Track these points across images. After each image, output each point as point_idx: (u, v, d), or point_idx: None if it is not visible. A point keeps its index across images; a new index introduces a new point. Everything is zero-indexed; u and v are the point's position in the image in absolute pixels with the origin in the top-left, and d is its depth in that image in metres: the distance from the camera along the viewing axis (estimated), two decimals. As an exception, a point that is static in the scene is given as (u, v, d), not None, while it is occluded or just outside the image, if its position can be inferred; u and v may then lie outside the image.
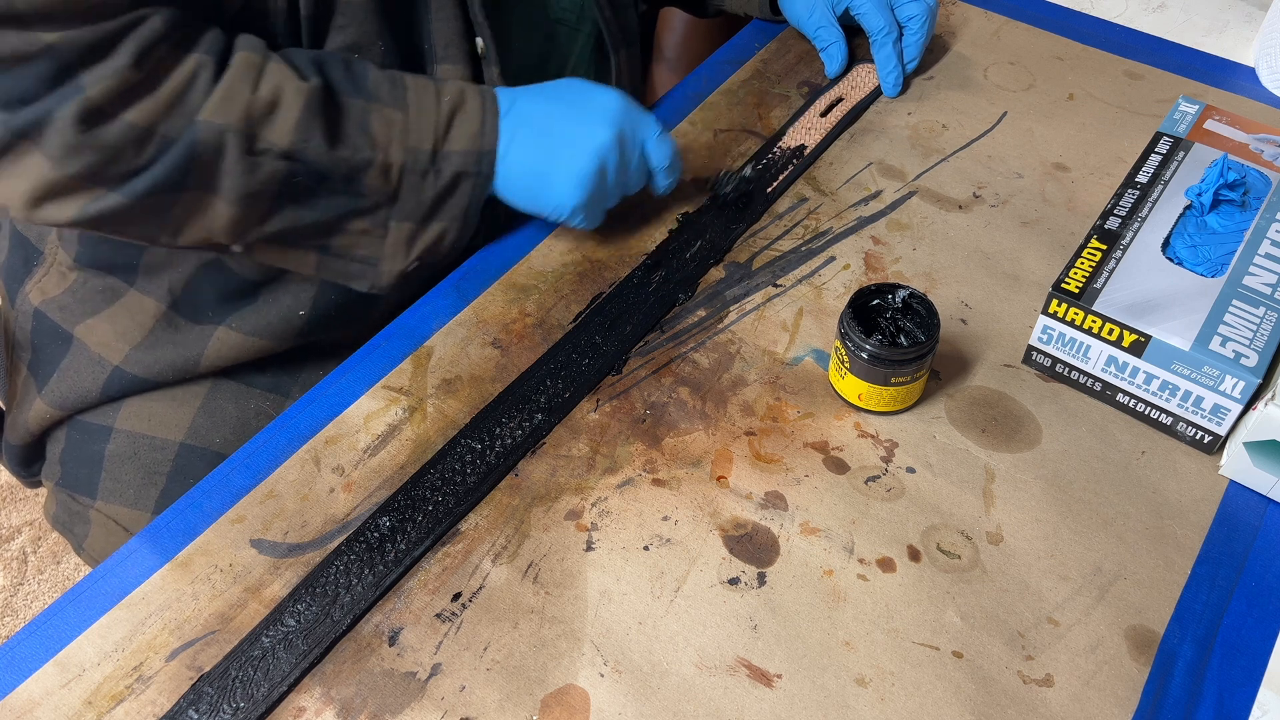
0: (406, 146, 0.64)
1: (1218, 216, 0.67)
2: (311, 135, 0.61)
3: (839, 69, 0.88)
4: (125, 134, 0.57)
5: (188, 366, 0.73)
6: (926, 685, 0.53)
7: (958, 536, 0.59)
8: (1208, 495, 0.60)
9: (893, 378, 0.61)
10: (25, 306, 0.75)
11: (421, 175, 0.65)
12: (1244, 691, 0.53)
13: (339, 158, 0.62)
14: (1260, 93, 0.87)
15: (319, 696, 0.53)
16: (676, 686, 0.53)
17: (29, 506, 1.51)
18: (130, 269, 0.72)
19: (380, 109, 0.63)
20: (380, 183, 0.64)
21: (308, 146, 0.61)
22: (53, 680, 0.53)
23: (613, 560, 0.58)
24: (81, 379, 0.73)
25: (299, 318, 0.73)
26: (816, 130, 0.84)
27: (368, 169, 0.63)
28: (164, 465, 0.74)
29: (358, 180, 0.63)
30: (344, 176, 0.63)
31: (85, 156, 0.56)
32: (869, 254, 0.74)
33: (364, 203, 0.64)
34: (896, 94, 0.87)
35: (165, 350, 0.72)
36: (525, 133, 0.67)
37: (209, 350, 0.72)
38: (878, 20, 0.85)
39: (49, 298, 0.74)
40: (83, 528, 0.76)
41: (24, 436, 0.78)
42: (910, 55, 0.87)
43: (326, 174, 0.62)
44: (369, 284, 0.69)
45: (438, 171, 0.65)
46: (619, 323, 0.69)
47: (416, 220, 0.66)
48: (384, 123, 0.63)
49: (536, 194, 0.68)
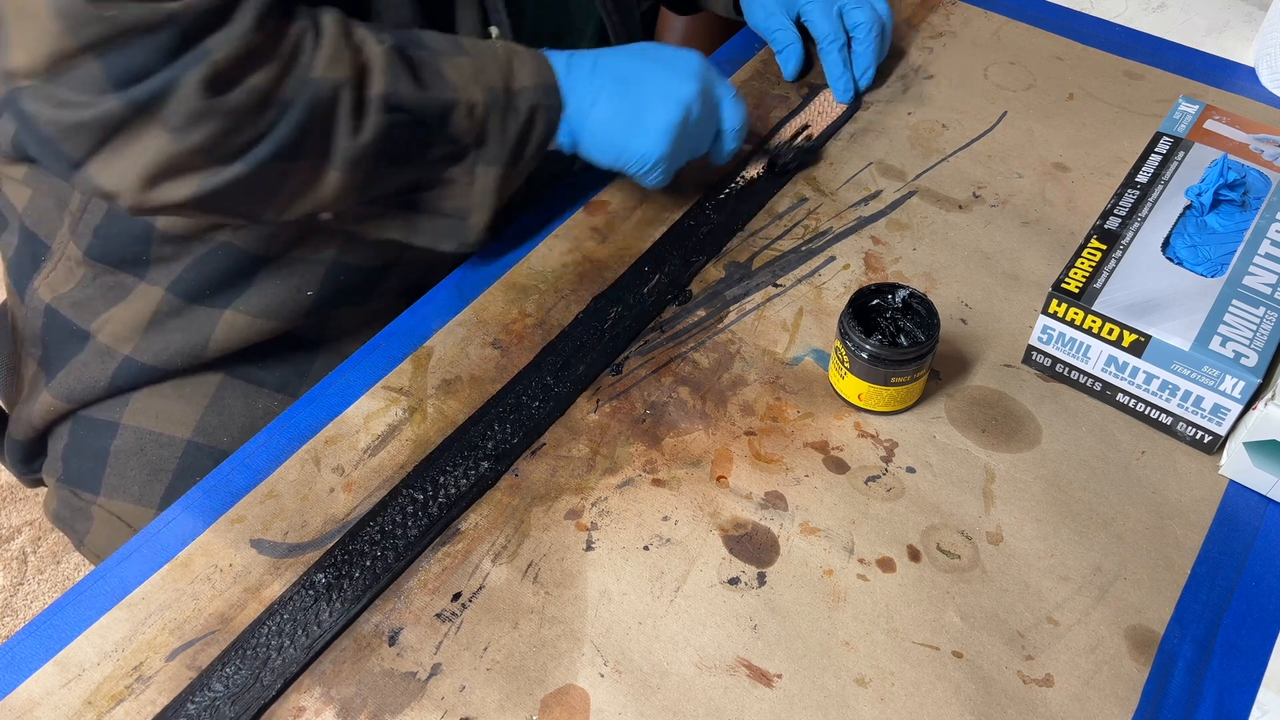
0: (482, 86, 0.66)
1: (1218, 216, 0.67)
2: (401, 81, 0.62)
3: (795, 71, 0.89)
4: (248, 98, 0.57)
5: (196, 352, 0.73)
6: (926, 685, 0.53)
7: (958, 536, 0.59)
8: (1208, 495, 0.60)
9: (893, 378, 0.61)
10: (35, 303, 0.75)
11: (502, 113, 0.66)
12: (1244, 691, 0.53)
13: (429, 99, 0.63)
14: (1260, 93, 0.87)
15: (319, 696, 0.53)
16: (676, 686, 0.53)
17: (29, 506, 1.51)
18: (141, 262, 0.71)
19: (448, 58, 0.65)
20: (467, 123, 0.65)
21: (400, 91, 0.62)
22: (53, 680, 0.53)
23: (613, 560, 0.58)
24: (90, 370, 0.73)
25: (307, 298, 0.73)
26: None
27: (454, 110, 0.65)
28: (170, 462, 0.74)
29: (448, 123, 0.65)
30: (436, 119, 0.64)
31: (208, 125, 0.56)
32: (869, 254, 0.74)
33: (454, 149, 0.66)
34: (848, 100, 0.87)
35: (173, 336, 0.72)
36: (612, 86, 0.69)
37: (217, 333, 0.72)
38: (824, 26, 0.85)
39: (60, 294, 0.74)
40: (84, 524, 0.76)
41: (27, 431, 0.78)
42: (862, 65, 0.86)
43: (421, 119, 0.63)
44: (457, 242, 0.70)
45: (515, 109, 0.67)
46: (571, 363, 0.67)
47: (503, 162, 0.68)
48: (455, 69, 0.65)
49: (623, 146, 0.70)
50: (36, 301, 0.75)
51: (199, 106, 0.55)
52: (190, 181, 0.58)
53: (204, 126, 0.56)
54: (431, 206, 0.68)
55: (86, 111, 0.55)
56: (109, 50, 0.54)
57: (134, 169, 0.57)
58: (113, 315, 0.73)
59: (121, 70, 0.54)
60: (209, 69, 0.55)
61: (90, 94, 0.54)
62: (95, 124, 0.55)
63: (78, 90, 0.54)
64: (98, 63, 0.54)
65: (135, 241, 0.71)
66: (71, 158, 0.57)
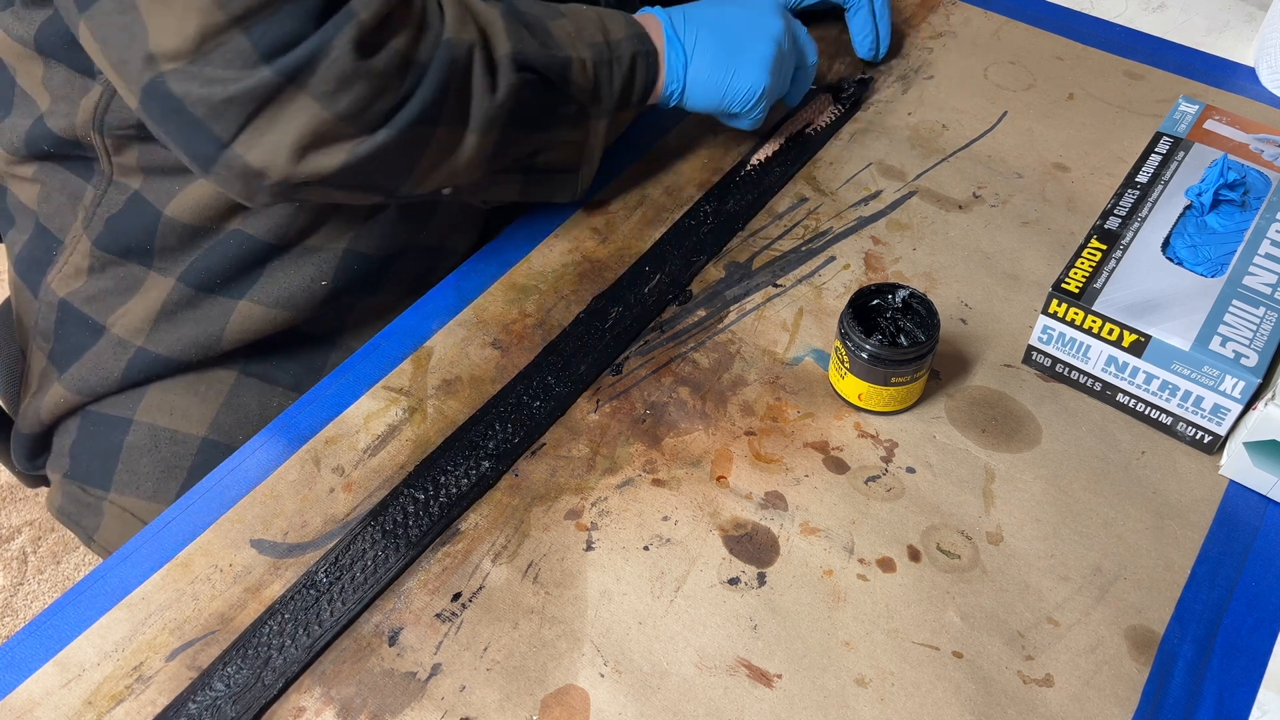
0: (588, 43, 0.68)
1: (1218, 216, 0.67)
2: (524, 40, 0.64)
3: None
4: (391, 60, 0.58)
5: (210, 343, 0.72)
6: (926, 685, 0.53)
7: (958, 536, 0.59)
8: (1208, 495, 0.60)
9: (893, 378, 0.61)
10: (49, 297, 0.75)
11: (609, 65, 0.69)
12: (1244, 691, 0.53)
13: (552, 56, 0.65)
14: (1260, 93, 0.87)
15: (319, 696, 0.53)
16: (676, 686, 0.53)
17: (29, 506, 1.51)
18: (146, 252, 0.71)
19: (552, 20, 0.68)
20: (583, 79, 0.68)
21: (525, 50, 0.64)
22: (53, 680, 0.53)
23: (613, 560, 0.58)
24: (103, 362, 0.73)
25: (321, 287, 0.73)
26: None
27: (570, 66, 0.67)
28: (185, 459, 0.74)
29: (568, 80, 0.67)
30: (559, 77, 0.66)
31: (356, 89, 0.57)
32: (869, 254, 0.74)
33: (572, 108, 0.69)
34: (871, 57, 0.89)
35: (187, 327, 0.72)
36: (705, 33, 0.73)
37: (231, 324, 0.72)
38: None
39: (74, 289, 0.74)
40: (93, 519, 0.76)
41: (35, 426, 0.78)
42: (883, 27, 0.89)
43: (546, 76, 0.65)
44: (570, 194, 0.74)
45: (619, 59, 0.69)
46: (572, 363, 0.67)
47: (609, 113, 0.71)
48: (560, 29, 0.67)
49: (726, 86, 0.73)
50: (50, 295, 0.75)
51: (349, 69, 0.56)
52: (339, 151, 0.58)
53: (351, 91, 0.56)
54: (546, 166, 0.70)
55: (236, 85, 0.55)
56: (257, 20, 0.54)
57: (284, 141, 0.57)
58: (128, 309, 0.73)
59: (271, 39, 0.54)
60: (357, 30, 0.56)
61: (241, 68, 0.54)
62: (246, 97, 0.55)
63: (228, 66, 0.54)
64: (245, 36, 0.54)
65: (142, 231, 0.70)
66: (220, 137, 0.56)
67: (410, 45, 0.59)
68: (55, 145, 0.70)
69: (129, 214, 0.70)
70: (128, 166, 0.69)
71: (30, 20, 0.66)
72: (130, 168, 0.69)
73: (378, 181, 0.62)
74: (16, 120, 0.71)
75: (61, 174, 0.72)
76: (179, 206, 0.69)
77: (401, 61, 0.58)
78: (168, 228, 0.70)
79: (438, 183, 0.64)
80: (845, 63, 0.91)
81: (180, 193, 0.69)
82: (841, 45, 0.92)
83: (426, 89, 0.59)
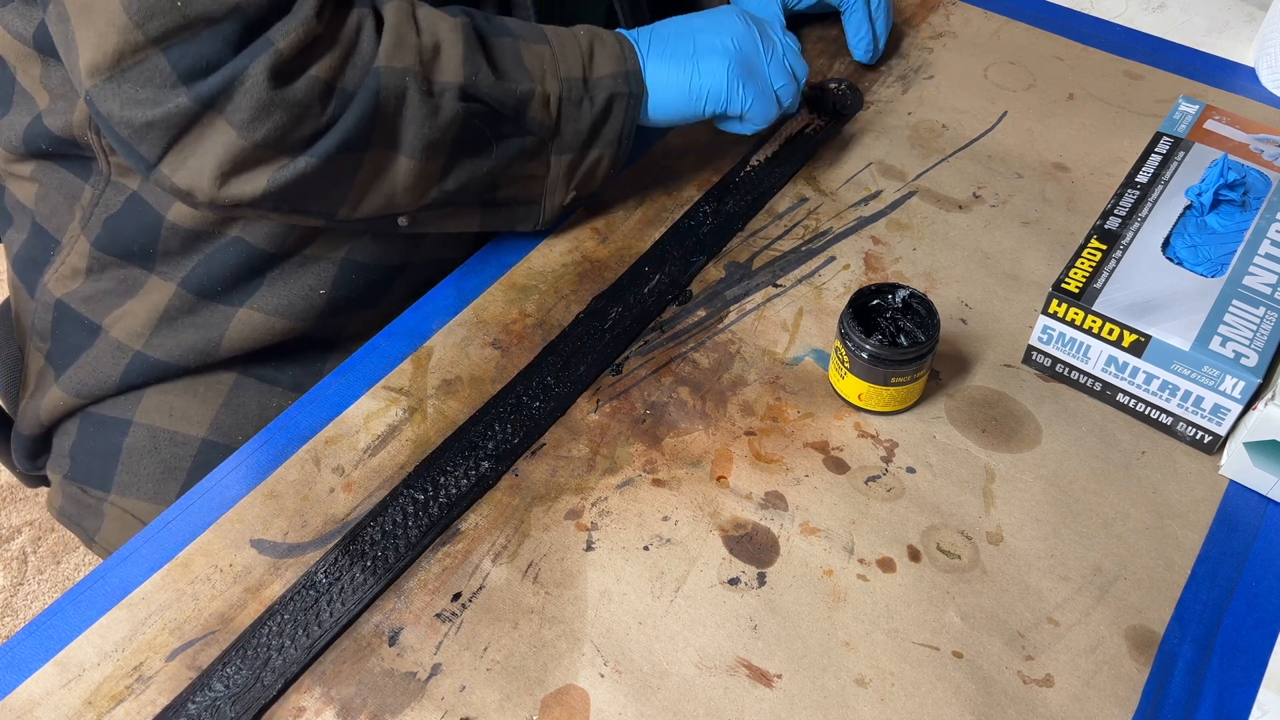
0: (560, 77, 0.66)
1: (1218, 216, 0.67)
2: (479, 68, 0.63)
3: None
4: (311, 89, 0.57)
5: (209, 349, 0.73)
6: (926, 685, 0.53)
7: (958, 536, 0.59)
8: (1208, 495, 0.60)
9: (893, 378, 0.61)
10: (46, 298, 0.75)
11: (577, 103, 0.67)
12: (1244, 691, 0.53)
13: (506, 89, 0.64)
14: (1260, 93, 0.87)
15: (319, 696, 0.53)
16: (676, 686, 0.53)
17: (29, 506, 1.51)
18: (148, 255, 0.71)
19: (527, 45, 0.66)
20: (543, 115, 0.66)
21: (478, 79, 0.62)
22: (53, 680, 0.53)
23: (613, 560, 0.58)
24: (101, 365, 0.73)
25: (320, 297, 0.73)
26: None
27: (530, 100, 0.65)
28: (185, 460, 0.74)
29: (524, 115, 0.65)
30: (513, 111, 0.65)
31: (274, 117, 0.56)
32: (869, 254, 0.74)
33: (529, 142, 0.67)
34: (870, 60, 0.88)
35: (186, 333, 0.72)
36: (659, 45, 0.70)
37: (230, 332, 0.72)
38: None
39: (71, 289, 0.74)
40: (94, 521, 0.76)
41: (34, 427, 0.78)
42: (880, 27, 0.88)
43: (498, 110, 0.64)
44: (532, 224, 0.72)
45: (592, 98, 0.67)
46: (572, 363, 0.67)
47: (575, 150, 0.69)
48: (534, 56, 0.65)
49: (692, 89, 0.70)
50: (47, 296, 0.75)
51: (266, 98, 0.56)
52: (260, 176, 0.58)
53: (269, 120, 0.56)
54: (505, 200, 0.69)
55: (156, 109, 0.55)
56: (175, 43, 0.54)
57: (206, 167, 0.57)
58: (126, 310, 0.72)
59: (189, 63, 0.54)
60: (274, 59, 0.56)
61: (159, 89, 0.55)
62: (165, 122, 0.55)
63: (146, 86, 0.55)
64: (164, 56, 0.54)
65: (143, 233, 0.71)
66: (146, 159, 0.57)
67: (333, 72, 0.58)
68: (53, 144, 0.70)
69: (128, 215, 0.70)
70: (126, 167, 0.69)
71: (30, 18, 0.66)
72: (128, 168, 0.69)
73: (309, 205, 0.62)
74: (15, 118, 0.71)
75: (59, 173, 0.72)
76: (180, 211, 0.69)
77: (322, 89, 0.58)
78: (170, 231, 0.70)
79: (378, 208, 0.64)
80: (845, 63, 0.91)
81: None
82: (841, 45, 0.92)
83: (350, 118, 0.59)
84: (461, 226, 0.70)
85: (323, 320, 0.74)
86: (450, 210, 0.68)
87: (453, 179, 0.65)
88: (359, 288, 0.74)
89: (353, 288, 0.74)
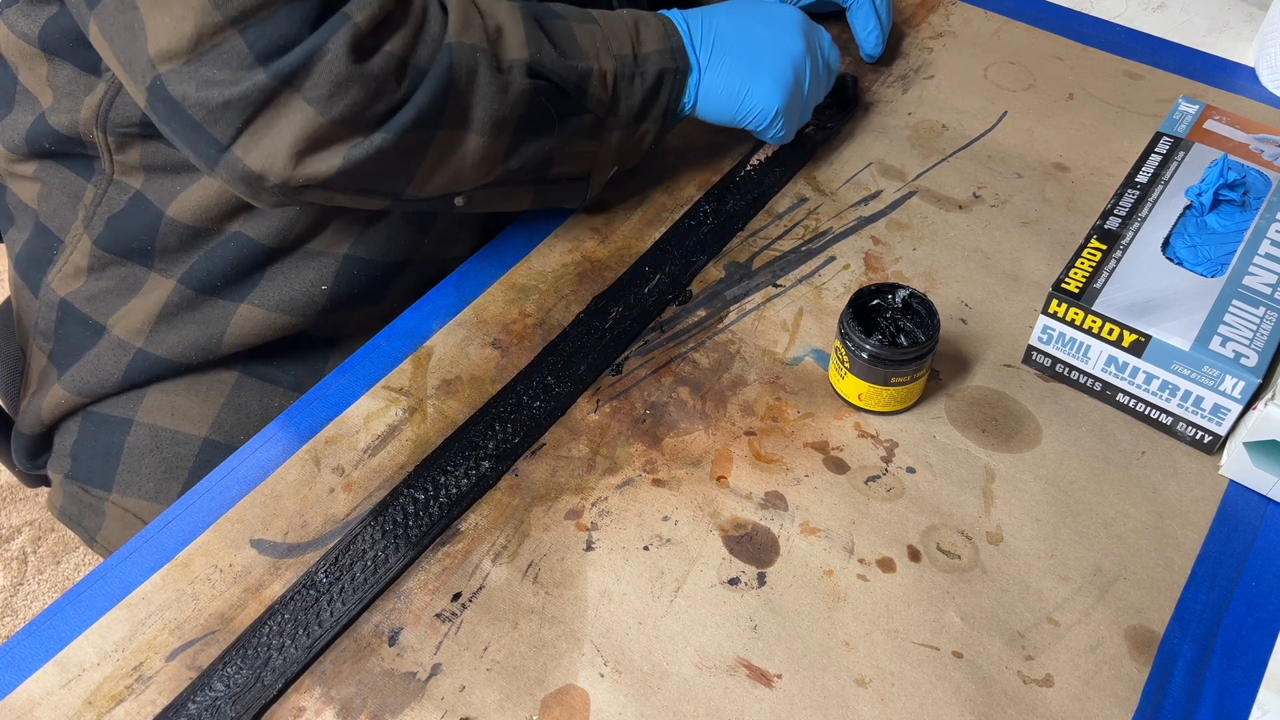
0: (613, 54, 0.67)
1: (1218, 216, 0.67)
2: (543, 46, 0.63)
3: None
4: (387, 65, 0.57)
5: (210, 346, 0.72)
6: (926, 685, 0.53)
7: (958, 536, 0.59)
8: (1208, 495, 0.60)
9: (893, 378, 0.61)
10: (50, 297, 0.75)
11: (630, 80, 0.68)
12: (1244, 691, 0.53)
13: (569, 66, 0.64)
14: (1260, 93, 0.87)
15: (319, 696, 0.53)
16: (676, 686, 0.53)
17: (29, 506, 1.51)
18: (147, 252, 0.71)
19: (579, 24, 0.67)
20: (600, 92, 0.67)
21: (543, 57, 0.63)
22: (53, 680, 0.53)
23: (613, 560, 0.58)
24: (103, 364, 0.73)
25: (321, 293, 0.73)
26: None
27: (590, 77, 0.66)
28: (186, 460, 0.74)
29: (585, 92, 0.66)
30: (575, 88, 0.65)
31: (351, 93, 0.56)
32: (869, 254, 0.74)
33: (588, 120, 0.67)
34: (878, 53, 0.89)
35: (188, 329, 0.72)
36: (723, 46, 0.71)
37: (231, 328, 0.72)
38: None
39: (74, 289, 0.74)
40: (95, 520, 0.76)
41: (35, 426, 0.78)
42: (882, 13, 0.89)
43: (561, 86, 0.64)
44: (579, 201, 0.74)
45: (643, 74, 0.68)
46: (572, 363, 0.67)
47: (628, 126, 0.70)
48: (587, 35, 0.66)
49: (740, 102, 0.72)
50: (50, 295, 0.75)
51: (345, 73, 0.56)
52: (336, 153, 0.58)
53: (347, 95, 0.56)
54: (557, 177, 0.70)
55: (233, 89, 0.55)
56: (253, 22, 0.54)
57: (281, 145, 0.57)
58: (128, 309, 0.73)
59: (267, 42, 0.54)
60: (353, 33, 0.56)
61: (236, 70, 0.54)
62: (242, 101, 0.55)
63: (224, 67, 0.54)
64: (241, 37, 0.54)
65: (143, 231, 0.71)
66: (219, 141, 0.57)
67: (407, 49, 0.58)
68: (56, 143, 0.70)
69: (130, 214, 0.70)
70: (130, 165, 0.69)
71: (35, 17, 0.66)
72: (132, 166, 0.69)
73: (379, 184, 0.62)
74: (18, 117, 0.71)
75: (62, 173, 0.72)
76: (180, 207, 0.69)
77: (398, 65, 0.58)
78: (169, 228, 0.70)
79: (443, 186, 0.64)
80: (845, 62, 0.91)
81: (182, 193, 0.69)
82: (842, 44, 0.92)
83: (424, 93, 0.59)
84: (514, 205, 0.71)
85: (324, 316, 0.74)
86: (506, 189, 0.68)
87: (517, 157, 0.66)
88: (360, 284, 0.74)
89: (354, 283, 0.74)
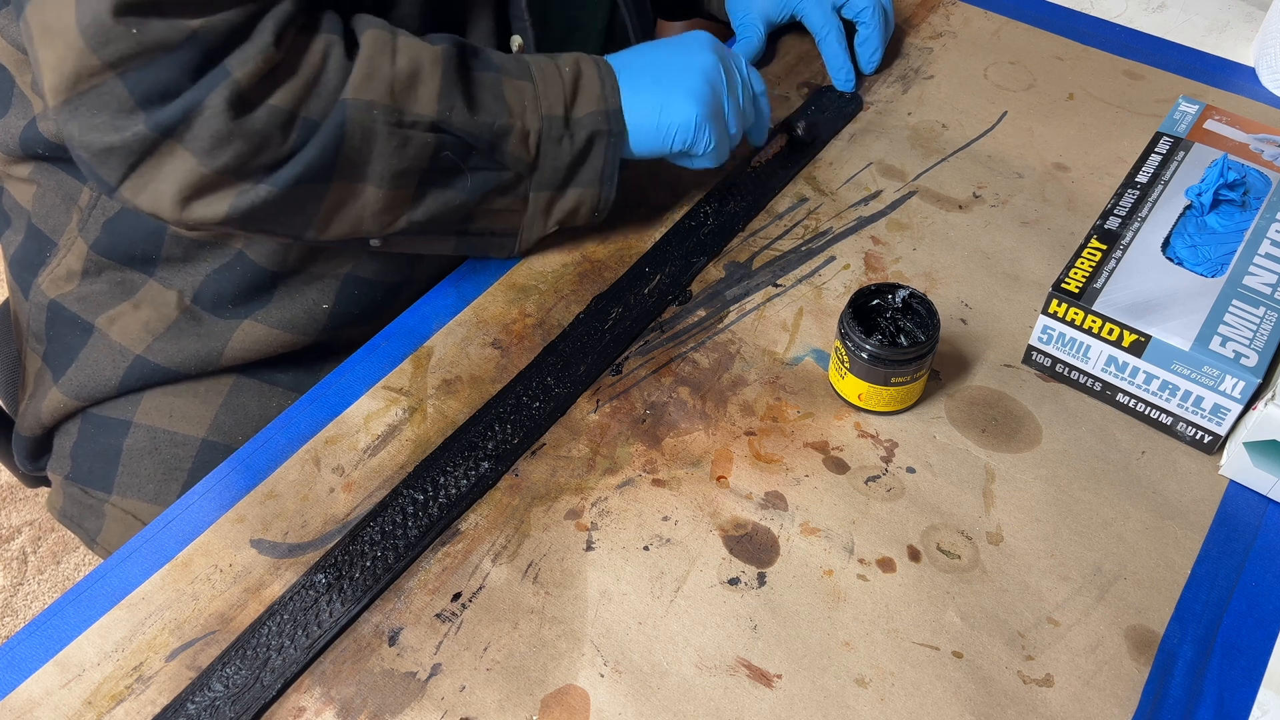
0: (540, 113, 0.65)
1: (1218, 216, 0.67)
2: (454, 102, 0.62)
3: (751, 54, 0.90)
4: (271, 119, 0.57)
5: (210, 358, 0.73)
6: (926, 685, 0.53)
7: (958, 536, 0.59)
8: (1208, 495, 0.60)
9: (893, 378, 0.61)
10: (39, 299, 0.75)
11: (557, 140, 0.66)
12: (1244, 691, 0.53)
13: (482, 124, 0.63)
14: (1260, 93, 0.87)
15: (319, 696, 0.53)
16: (676, 686, 0.53)
17: (29, 506, 1.51)
18: (149, 261, 0.72)
19: (510, 80, 0.65)
20: (520, 151, 0.65)
21: (452, 114, 0.62)
22: (53, 680, 0.53)
23: (613, 560, 0.58)
24: (101, 368, 0.73)
25: (322, 311, 0.73)
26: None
27: (508, 136, 0.64)
28: (185, 461, 0.74)
29: (500, 150, 0.64)
30: (487, 145, 0.64)
31: (234, 147, 0.56)
32: (869, 254, 0.74)
33: (505, 176, 0.66)
34: (850, 89, 0.88)
35: (188, 341, 0.72)
36: (635, 78, 0.69)
37: (233, 342, 0.72)
38: (816, 18, 0.88)
39: (65, 291, 0.74)
40: (95, 522, 0.76)
41: (35, 429, 0.78)
42: (872, 47, 0.88)
43: (471, 144, 0.63)
44: (507, 253, 0.72)
45: (572, 136, 0.67)
46: (572, 363, 0.67)
47: (554, 187, 0.68)
48: (516, 91, 0.65)
49: (660, 126, 0.69)
50: (40, 297, 0.75)
51: (224, 129, 0.55)
52: (223, 200, 0.58)
53: (229, 149, 0.56)
54: (481, 230, 0.69)
55: (115, 136, 0.55)
56: (132, 68, 0.54)
57: (167, 190, 0.57)
58: (122, 312, 0.72)
59: (146, 89, 0.54)
60: (231, 89, 0.55)
61: (116, 114, 0.54)
62: (124, 149, 0.55)
63: (103, 110, 0.54)
64: (121, 82, 0.54)
65: (147, 239, 0.71)
66: (107, 181, 0.57)
67: (295, 101, 0.57)
68: (48, 148, 0.70)
69: (128, 218, 0.70)
70: None
71: None
72: None
73: (275, 228, 0.62)
74: (12, 120, 0.71)
75: (57, 175, 0.72)
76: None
77: (285, 118, 0.57)
78: (174, 239, 0.70)
79: (345, 232, 0.64)
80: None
81: None
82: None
83: (313, 149, 0.58)
84: (436, 251, 0.70)
85: (325, 333, 0.75)
86: (424, 237, 0.68)
87: (423, 209, 0.64)
88: (362, 303, 0.74)
89: (356, 303, 0.74)
